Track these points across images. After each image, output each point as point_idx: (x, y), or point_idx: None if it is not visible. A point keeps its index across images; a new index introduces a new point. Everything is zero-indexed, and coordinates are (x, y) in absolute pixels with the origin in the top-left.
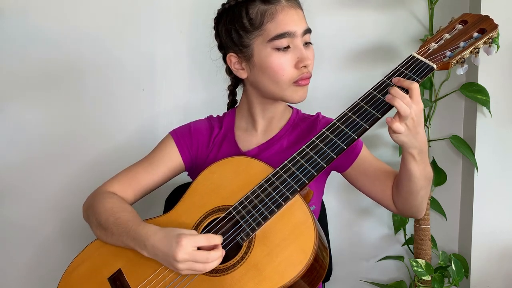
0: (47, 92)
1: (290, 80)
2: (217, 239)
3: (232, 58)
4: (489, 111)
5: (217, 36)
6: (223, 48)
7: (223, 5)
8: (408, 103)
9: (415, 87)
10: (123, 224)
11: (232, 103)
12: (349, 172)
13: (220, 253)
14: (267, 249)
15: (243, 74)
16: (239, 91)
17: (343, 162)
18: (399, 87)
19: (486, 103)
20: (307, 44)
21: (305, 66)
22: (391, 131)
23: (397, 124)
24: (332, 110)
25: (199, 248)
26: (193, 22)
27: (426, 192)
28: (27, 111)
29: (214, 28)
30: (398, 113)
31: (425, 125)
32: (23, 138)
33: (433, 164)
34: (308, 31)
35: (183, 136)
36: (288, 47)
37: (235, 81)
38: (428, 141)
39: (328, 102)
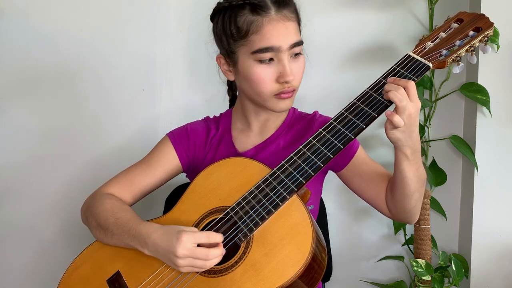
0: (47, 93)
1: (271, 92)
2: (217, 237)
3: (221, 59)
4: (489, 111)
5: (214, 31)
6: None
7: (218, 3)
8: (403, 94)
9: (411, 85)
10: (123, 224)
11: (232, 98)
12: (344, 173)
13: (220, 251)
14: (265, 249)
15: (230, 77)
16: None
17: (338, 161)
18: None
19: (486, 103)
20: (296, 55)
21: (286, 82)
22: (389, 126)
23: (397, 116)
24: (331, 110)
25: (199, 245)
26: (193, 22)
27: (420, 195)
28: (27, 111)
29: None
30: (396, 107)
31: (425, 125)
32: (23, 138)
33: (433, 164)
34: (297, 44)
35: (180, 137)
36: (271, 59)
37: None
38: (428, 141)
39: (327, 102)
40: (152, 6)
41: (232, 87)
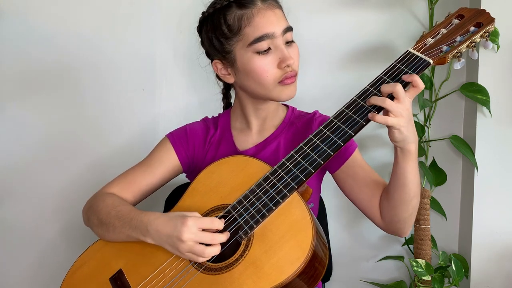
0: (47, 93)
1: (274, 80)
2: (220, 224)
3: (218, 64)
4: (489, 111)
5: (202, 44)
6: (209, 55)
7: (203, 13)
8: (391, 105)
9: (398, 89)
10: (124, 216)
11: (226, 106)
12: (339, 174)
13: (224, 237)
14: (266, 247)
15: (230, 79)
16: (233, 93)
17: (333, 162)
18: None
19: (486, 103)
20: (289, 43)
21: (288, 66)
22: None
23: (390, 118)
24: (331, 110)
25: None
26: (193, 22)
27: (416, 203)
28: (27, 112)
29: (199, 36)
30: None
31: (425, 125)
32: (23, 139)
33: (433, 164)
34: (288, 29)
35: (180, 138)
36: (269, 49)
37: (227, 85)
38: (428, 141)
39: (327, 102)
40: (152, 6)
41: (227, 95)
